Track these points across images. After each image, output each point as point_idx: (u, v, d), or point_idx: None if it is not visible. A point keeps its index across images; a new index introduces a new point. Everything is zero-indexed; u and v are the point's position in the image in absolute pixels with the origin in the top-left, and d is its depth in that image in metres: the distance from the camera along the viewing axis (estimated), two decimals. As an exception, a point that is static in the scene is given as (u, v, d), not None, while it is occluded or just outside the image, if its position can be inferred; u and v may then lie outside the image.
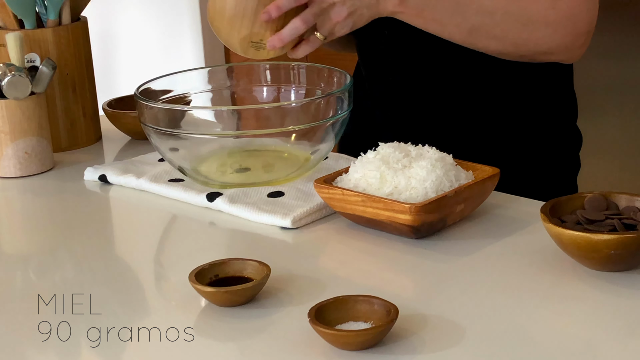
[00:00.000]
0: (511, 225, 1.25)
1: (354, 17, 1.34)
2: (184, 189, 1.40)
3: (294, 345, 1.00)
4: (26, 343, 1.05)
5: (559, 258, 1.14)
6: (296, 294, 1.10)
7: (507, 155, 1.47)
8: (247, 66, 1.61)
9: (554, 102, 1.50)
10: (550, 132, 1.50)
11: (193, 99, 1.61)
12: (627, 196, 1.17)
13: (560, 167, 1.53)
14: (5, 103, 1.51)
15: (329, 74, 1.51)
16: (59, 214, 1.42)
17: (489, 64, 1.43)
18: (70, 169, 1.57)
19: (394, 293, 1.08)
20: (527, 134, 1.48)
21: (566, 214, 1.16)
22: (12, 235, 1.39)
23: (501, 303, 1.06)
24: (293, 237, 1.27)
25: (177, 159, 1.41)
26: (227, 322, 1.06)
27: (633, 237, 1.07)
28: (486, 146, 1.48)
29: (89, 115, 1.67)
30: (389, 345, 0.99)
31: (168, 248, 1.32)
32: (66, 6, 1.63)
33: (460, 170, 1.27)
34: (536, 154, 1.49)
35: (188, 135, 1.40)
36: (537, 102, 1.49)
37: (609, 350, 0.97)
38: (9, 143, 1.52)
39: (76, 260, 1.28)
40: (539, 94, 1.49)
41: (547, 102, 1.49)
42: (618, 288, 1.08)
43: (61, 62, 1.62)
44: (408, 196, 1.22)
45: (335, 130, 1.40)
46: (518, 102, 1.48)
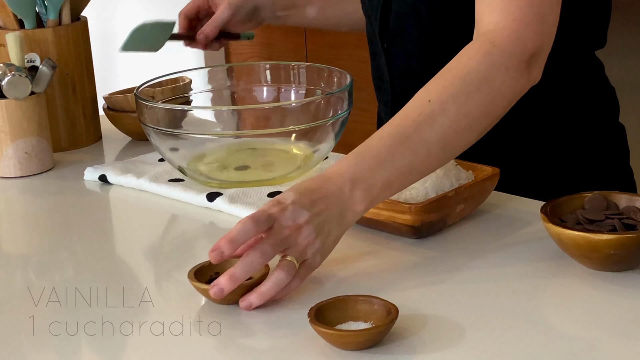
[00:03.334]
0: (511, 225, 1.25)
1: (322, 237, 1.11)
2: (184, 189, 1.40)
3: (293, 345, 1.00)
4: (26, 342, 1.05)
5: (559, 258, 1.14)
6: (296, 294, 1.10)
7: (508, 155, 1.47)
8: (247, 66, 1.61)
9: (582, 98, 1.47)
10: (583, 131, 1.48)
11: (193, 99, 1.61)
12: (627, 196, 1.17)
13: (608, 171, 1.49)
14: (5, 103, 1.51)
15: (329, 74, 1.51)
16: (59, 214, 1.42)
17: None
18: (70, 169, 1.57)
19: (394, 293, 1.08)
20: (537, 131, 1.47)
21: (566, 214, 1.16)
22: (12, 235, 1.39)
23: (501, 303, 1.06)
24: (293, 237, 1.27)
25: (177, 159, 1.41)
26: (227, 321, 1.06)
27: (633, 237, 1.07)
28: (487, 146, 1.48)
29: (89, 115, 1.67)
30: (389, 345, 0.99)
31: (168, 248, 1.32)
32: (66, 6, 1.63)
33: (460, 170, 1.27)
34: (566, 153, 1.47)
35: (188, 135, 1.40)
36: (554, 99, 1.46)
37: (609, 350, 0.97)
38: (9, 143, 1.52)
39: (76, 260, 1.28)
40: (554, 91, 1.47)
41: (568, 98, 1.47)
42: (618, 288, 1.08)
43: (61, 62, 1.62)
44: (408, 196, 1.22)
45: (335, 130, 1.40)
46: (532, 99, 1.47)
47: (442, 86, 1.17)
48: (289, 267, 1.08)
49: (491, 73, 1.18)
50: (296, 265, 1.09)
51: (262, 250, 1.08)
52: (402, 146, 1.14)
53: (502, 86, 1.18)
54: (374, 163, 1.13)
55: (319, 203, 1.11)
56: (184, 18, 1.65)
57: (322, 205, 1.11)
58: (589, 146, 1.48)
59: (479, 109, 1.17)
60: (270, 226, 1.09)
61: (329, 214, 1.11)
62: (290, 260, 1.09)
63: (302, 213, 1.10)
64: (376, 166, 1.13)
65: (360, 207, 1.13)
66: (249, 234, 1.08)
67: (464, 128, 1.17)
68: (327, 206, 1.11)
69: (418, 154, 1.15)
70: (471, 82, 1.17)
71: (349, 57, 2.98)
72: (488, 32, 1.20)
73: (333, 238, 1.13)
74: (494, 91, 1.18)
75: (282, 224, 1.09)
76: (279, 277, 1.08)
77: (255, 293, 1.08)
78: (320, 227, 1.11)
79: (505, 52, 1.18)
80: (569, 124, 1.47)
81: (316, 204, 1.11)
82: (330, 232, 1.12)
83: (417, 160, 1.15)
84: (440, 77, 1.19)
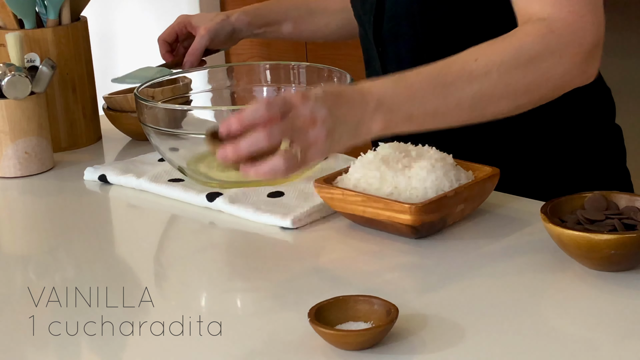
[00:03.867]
0: (511, 225, 1.25)
1: (332, 141, 1.12)
2: (184, 189, 1.40)
3: (294, 345, 1.00)
4: (26, 342, 1.05)
5: (559, 258, 1.14)
6: (296, 294, 1.10)
7: (508, 155, 1.47)
8: (247, 66, 1.62)
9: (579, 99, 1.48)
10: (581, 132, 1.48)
11: (193, 99, 1.61)
12: (627, 196, 1.17)
13: (606, 173, 1.49)
14: (5, 103, 1.51)
15: (329, 74, 1.51)
16: (59, 214, 1.42)
17: None
18: (70, 169, 1.57)
19: (394, 293, 1.08)
20: (537, 131, 1.47)
21: (566, 214, 1.16)
22: (12, 235, 1.39)
23: (501, 303, 1.06)
24: (293, 237, 1.27)
25: (177, 159, 1.41)
26: (227, 321, 1.06)
27: (633, 237, 1.07)
28: (486, 146, 1.48)
29: (89, 115, 1.67)
30: (389, 345, 0.99)
31: (168, 248, 1.32)
32: (66, 6, 1.63)
33: (460, 170, 1.27)
34: (564, 154, 1.47)
35: (188, 135, 1.40)
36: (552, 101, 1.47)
37: (609, 350, 0.97)
38: (9, 143, 1.52)
39: (76, 260, 1.28)
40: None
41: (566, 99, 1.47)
42: (618, 288, 1.08)
43: (61, 62, 1.62)
44: (408, 196, 1.22)
45: (335, 130, 1.40)
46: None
47: (491, 51, 1.19)
48: (291, 159, 1.10)
49: (543, 54, 1.19)
50: (298, 158, 1.11)
51: (270, 131, 1.09)
52: (436, 89, 1.17)
53: (550, 70, 1.20)
54: (404, 94, 1.16)
55: (341, 107, 1.13)
56: (163, 43, 1.69)
57: (344, 110, 1.13)
58: (586, 147, 1.48)
59: (521, 84, 1.19)
60: (285, 112, 1.10)
61: (346, 121, 1.13)
62: (295, 153, 1.11)
63: (322, 109, 1.11)
64: (405, 98, 1.16)
65: (377, 126, 1.15)
66: (258, 114, 1.09)
67: (500, 96, 1.19)
68: (347, 113, 1.13)
69: (448, 102, 1.17)
70: (520, 57, 1.19)
71: (349, 57, 2.97)
72: (542, 20, 1.21)
73: (340, 146, 1.14)
74: (540, 72, 1.19)
75: (300, 112, 1.10)
76: (277, 165, 1.09)
77: (254, 168, 1.10)
78: (333, 129, 1.12)
79: (562, 41, 1.19)
80: (566, 125, 1.47)
81: (338, 107, 1.13)
82: (341, 139, 1.13)
83: (445, 107, 1.17)
84: (492, 43, 1.21)
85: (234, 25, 1.67)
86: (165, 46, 1.69)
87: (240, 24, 1.68)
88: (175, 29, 1.69)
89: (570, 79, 1.22)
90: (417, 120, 1.17)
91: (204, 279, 1.19)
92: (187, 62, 1.66)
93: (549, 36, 1.19)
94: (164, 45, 1.69)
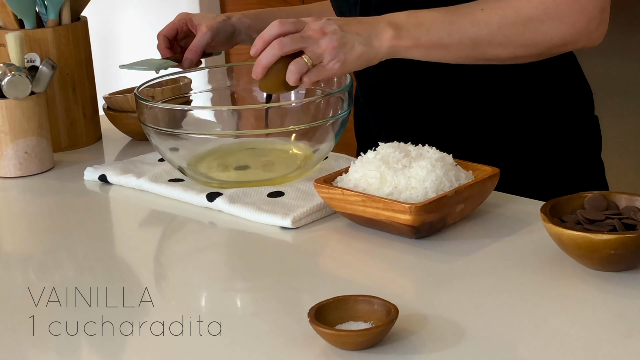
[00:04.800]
0: (511, 225, 1.25)
1: (345, 49, 1.27)
2: (184, 189, 1.40)
3: (294, 345, 1.00)
4: (26, 342, 1.05)
5: (559, 258, 1.14)
6: (296, 294, 1.10)
7: (508, 155, 1.47)
8: (247, 66, 1.61)
9: (562, 94, 1.49)
10: (563, 126, 1.49)
11: (193, 99, 1.61)
12: (627, 196, 1.17)
13: (582, 163, 1.52)
14: (5, 103, 1.51)
15: (329, 74, 1.51)
16: (59, 214, 1.43)
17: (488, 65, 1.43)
18: (70, 169, 1.57)
19: (394, 293, 1.08)
20: (534, 131, 1.48)
21: (566, 214, 1.16)
22: (12, 235, 1.39)
23: (501, 303, 1.06)
24: (293, 237, 1.27)
25: (177, 159, 1.41)
26: (227, 321, 1.06)
27: (633, 237, 1.07)
28: (486, 146, 1.48)
29: (89, 115, 1.67)
30: (389, 345, 0.99)
31: (168, 248, 1.32)
32: (66, 6, 1.63)
33: (460, 170, 1.27)
34: (549, 150, 1.48)
35: (188, 135, 1.40)
36: (539, 97, 1.48)
37: (609, 350, 0.97)
38: (9, 143, 1.52)
39: (76, 260, 1.28)
40: (540, 88, 1.48)
41: (551, 95, 1.49)
42: (618, 288, 1.08)
43: (61, 62, 1.62)
44: (408, 196, 1.22)
45: (335, 130, 1.40)
46: (520, 98, 1.48)
47: (496, 6, 1.30)
48: (299, 64, 1.26)
49: (541, 18, 1.30)
50: (308, 64, 1.26)
51: (281, 41, 1.26)
52: (442, 24, 1.30)
53: (549, 32, 1.30)
54: (413, 22, 1.30)
55: (352, 24, 1.29)
56: (163, 39, 1.68)
57: (354, 26, 1.29)
58: (566, 137, 1.50)
59: (518, 39, 1.31)
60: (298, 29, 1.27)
61: (358, 32, 1.28)
62: (304, 59, 1.26)
63: (332, 26, 1.27)
64: (414, 24, 1.30)
65: (387, 37, 1.29)
66: (274, 31, 1.27)
67: (498, 44, 1.31)
68: (358, 27, 1.29)
69: (452, 37, 1.30)
70: (520, 15, 1.30)
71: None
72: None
73: (356, 54, 1.28)
74: (538, 32, 1.30)
75: (310, 26, 1.28)
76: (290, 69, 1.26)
77: None
78: (344, 39, 1.27)
79: (561, 8, 1.29)
80: (551, 117, 1.48)
81: (349, 24, 1.29)
82: (354, 47, 1.27)
83: (449, 40, 1.31)
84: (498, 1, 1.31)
85: (234, 26, 1.67)
86: (165, 41, 1.69)
87: (241, 26, 1.68)
88: (176, 25, 1.69)
89: (573, 42, 1.32)
90: (423, 47, 1.30)
91: (204, 279, 1.19)
92: (187, 59, 1.66)
93: (548, 2, 1.29)
94: (164, 41, 1.69)
